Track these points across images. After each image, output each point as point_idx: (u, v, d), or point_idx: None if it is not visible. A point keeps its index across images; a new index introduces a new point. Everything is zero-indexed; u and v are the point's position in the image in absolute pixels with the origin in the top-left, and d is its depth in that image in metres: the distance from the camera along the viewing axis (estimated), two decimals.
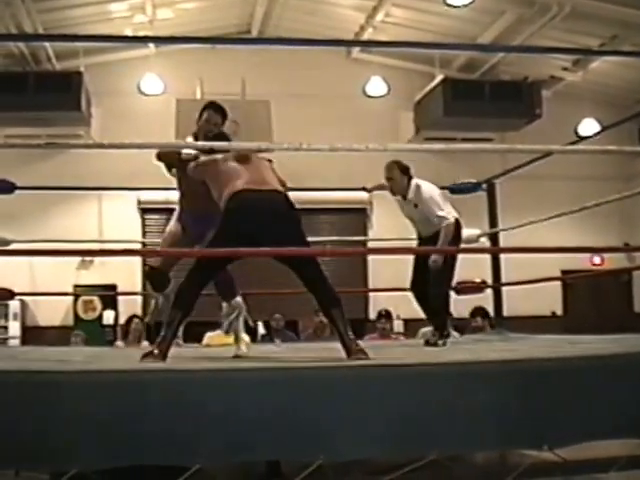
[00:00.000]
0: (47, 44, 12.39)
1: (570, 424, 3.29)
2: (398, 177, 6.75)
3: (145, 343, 8.88)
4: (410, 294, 6.65)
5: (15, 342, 12.46)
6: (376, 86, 13.81)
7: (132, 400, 3.02)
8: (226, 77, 12.60)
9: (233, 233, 4.85)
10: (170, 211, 7.11)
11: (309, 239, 11.13)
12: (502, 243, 8.38)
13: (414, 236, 8.73)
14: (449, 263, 6.46)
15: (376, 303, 12.68)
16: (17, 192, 7.71)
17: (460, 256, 6.79)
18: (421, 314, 6.79)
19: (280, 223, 5.05)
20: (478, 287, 8.24)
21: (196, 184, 5.37)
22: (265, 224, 4.90)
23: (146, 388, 3.07)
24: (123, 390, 3.05)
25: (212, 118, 5.57)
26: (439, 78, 13.08)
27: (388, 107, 14.00)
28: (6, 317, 12.38)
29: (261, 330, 12.34)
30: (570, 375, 3.38)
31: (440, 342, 6.24)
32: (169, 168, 5.80)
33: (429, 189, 6.67)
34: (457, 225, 6.57)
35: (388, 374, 3.30)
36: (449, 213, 6.51)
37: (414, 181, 6.71)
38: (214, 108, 5.65)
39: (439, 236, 6.44)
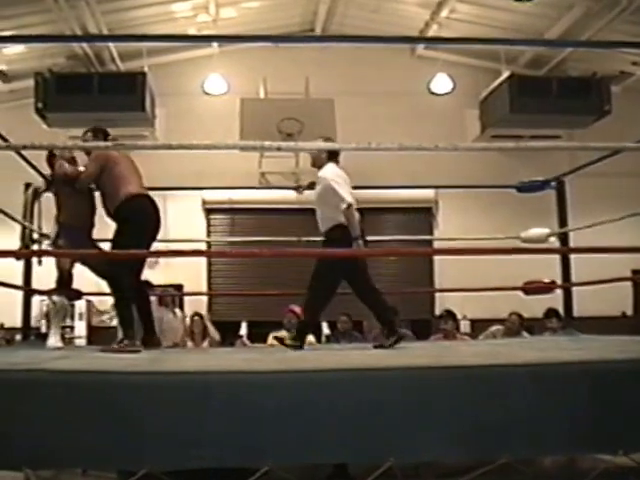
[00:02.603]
0: (111, 45, 12.50)
1: None
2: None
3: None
4: (478, 294, 6.53)
5: (81, 342, 12.57)
6: (441, 83, 13.77)
7: (199, 401, 3.07)
8: (290, 76, 12.62)
9: (144, 229, 6.06)
10: (234, 211, 7.12)
11: (374, 238, 11.09)
12: (572, 242, 8.20)
13: (481, 236, 8.62)
14: (348, 265, 6.23)
15: (442, 303, 12.52)
16: None
17: (529, 256, 6.62)
18: (488, 314, 6.64)
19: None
20: (547, 287, 8.08)
21: (71, 197, 6.23)
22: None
23: (214, 389, 3.11)
24: (190, 391, 3.11)
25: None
26: (505, 74, 12.83)
27: (453, 104, 13.87)
28: (72, 317, 12.45)
29: (325, 330, 12.28)
30: None
31: (387, 343, 6.01)
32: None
33: (337, 174, 6.35)
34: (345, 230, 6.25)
35: (458, 375, 3.30)
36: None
37: (332, 164, 6.42)
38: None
39: (330, 236, 6.25)
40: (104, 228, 6.54)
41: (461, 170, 12.49)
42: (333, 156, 6.43)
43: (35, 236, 7.07)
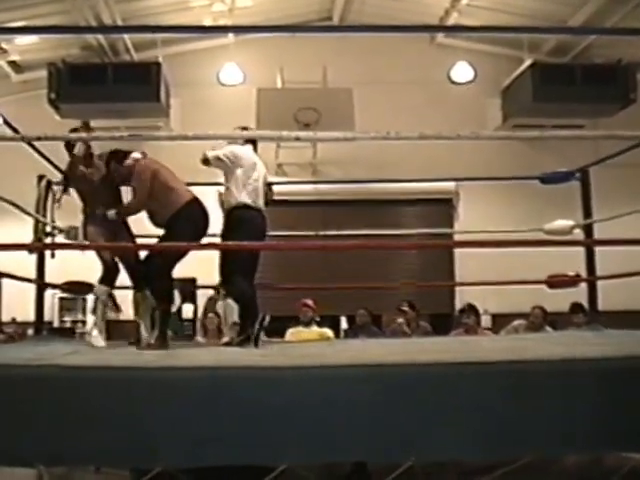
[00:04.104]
0: (125, 35, 12.46)
1: None
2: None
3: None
4: (498, 287, 6.38)
5: None
6: (462, 72, 13.67)
7: (214, 398, 3.00)
8: (307, 65, 12.57)
9: (195, 231, 6.00)
10: None
11: (393, 232, 10.87)
12: (596, 234, 8.00)
13: (503, 228, 8.43)
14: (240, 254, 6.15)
15: (463, 297, 12.33)
16: None
17: (552, 248, 6.43)
18: (510, 308, 6.44)
19: None
20: (572, 281, 7.88)
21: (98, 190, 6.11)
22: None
23: (229, 386, 3.04)
24: (205, 387, 3.04)
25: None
26: (528, 62, 12.77)
27: (474, 93, 13.75)
28: (84, 311, 12.37)
29: (344, 325, 12.13)
30: None
31: (235, 341, 5.90)
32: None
33: (237, 153, 6.23)
34: (251, 214, 6.19)
35: (481, 372, 3.20)
36: (237, 192, 6.13)
37: (249, 146, 6.37)
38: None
39: (227, 217, 6.22)
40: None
41: (483, 161, 12.32)
42: (248, 141, 6.41)
43: (48, 229, 6.98)
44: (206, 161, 6.24)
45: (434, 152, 11.76)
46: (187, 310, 12.68)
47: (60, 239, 6.94)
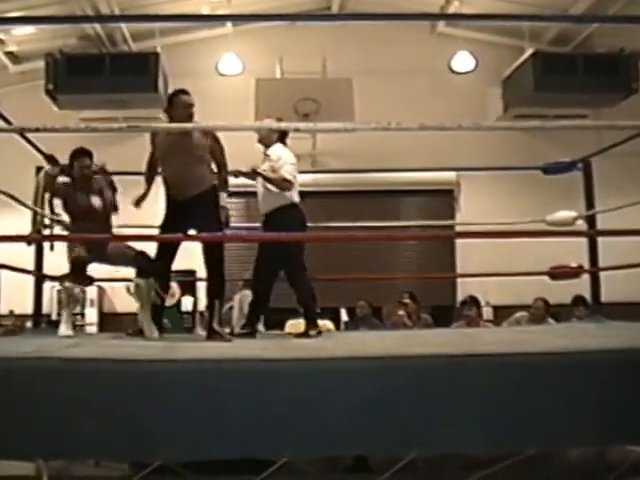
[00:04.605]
0: (123, 25, 12.41)
1: None
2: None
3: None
4: (500, 279, 6.35)
5: (92, 329, 12.44)
6: (463, 61, 13.62)
7: (215, 391, 3.01)
8: (306, 55, 12.55)
9: None
10: (249, 194, 6.94)
11: (394, 224, 10.79)
12: (599, 225, 7.95)
13: (505, 219, 8.38)
14: (290, 249, 6.16)
15: (464, 289, 12.27)
16: None
17: (555, 239, 6.39)
18: (512, 300, 6.38)
19: None
20: (574, 272, 7.83)
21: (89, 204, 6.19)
22: None
23: (229, 378, 3.05)
24: (205, 380, 3.04)
25: (84, 163, 6.24)
26: (529, 52, 12.67)
27: (475, 83, 13.69)
28: (83, 304, 12.34)
29: (344, 317, 12.05)
30: None
31: (312, 333, 6.04)
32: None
33: (285, 155, 6.31)
34: (299, 212, 6.32)
35: (483, 364, 3.21)
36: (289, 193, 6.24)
37: (281, 144, 6.39)
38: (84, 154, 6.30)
39: (275, 217, 6.18)
40: None
41: (484, 151, 12.26)
42: (283, 136, 6.44)
43: (47, 221, 6.93)
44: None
45: (435, 142, 11.69)
46: (186, 303, 12.68)
47: (58, 231, 6.90)
